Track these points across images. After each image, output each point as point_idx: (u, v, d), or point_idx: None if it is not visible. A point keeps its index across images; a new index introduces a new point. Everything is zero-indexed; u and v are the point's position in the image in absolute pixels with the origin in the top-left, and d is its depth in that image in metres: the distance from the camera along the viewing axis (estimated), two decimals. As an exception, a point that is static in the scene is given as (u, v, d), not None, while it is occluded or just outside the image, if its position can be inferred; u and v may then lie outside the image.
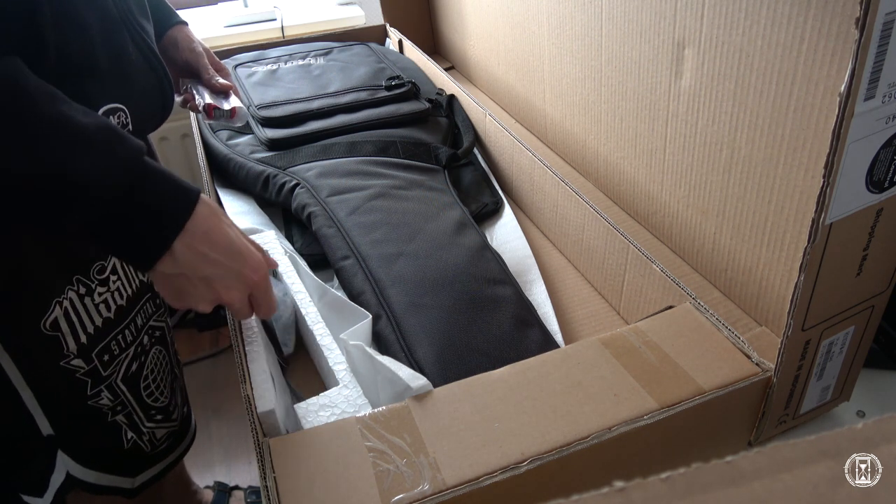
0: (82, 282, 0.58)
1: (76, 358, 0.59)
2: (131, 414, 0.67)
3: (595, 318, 0.70)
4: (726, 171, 0.58)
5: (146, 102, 0.60)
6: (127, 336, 0.64)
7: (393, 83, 1.00)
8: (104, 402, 0.63)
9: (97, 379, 0.61)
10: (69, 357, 0.58)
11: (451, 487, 0.42)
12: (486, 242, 0.75)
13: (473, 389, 0.49)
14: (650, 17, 0.62)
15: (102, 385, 0.62)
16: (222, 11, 1.47)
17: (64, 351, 0.58)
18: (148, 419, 0.70)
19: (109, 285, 0.61)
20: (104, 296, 0.60)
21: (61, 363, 0.58)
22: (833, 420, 0.60)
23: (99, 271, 0.59)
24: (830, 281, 0.46)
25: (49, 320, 0.56)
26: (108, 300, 0.61)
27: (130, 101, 0.57)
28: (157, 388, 0.71)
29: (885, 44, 0.35)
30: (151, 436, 0.70)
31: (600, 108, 0.76)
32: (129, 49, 0.57)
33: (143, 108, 0.59)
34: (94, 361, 0.61)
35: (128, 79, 0.57)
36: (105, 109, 0.55)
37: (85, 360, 0.60)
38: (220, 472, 1.22)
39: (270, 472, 0.43)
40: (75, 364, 0.59)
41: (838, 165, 0.39)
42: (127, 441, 0.67)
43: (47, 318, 0.56)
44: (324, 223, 0.75)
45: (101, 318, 0.60)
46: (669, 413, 0.47)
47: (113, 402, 0.64)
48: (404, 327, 0.63)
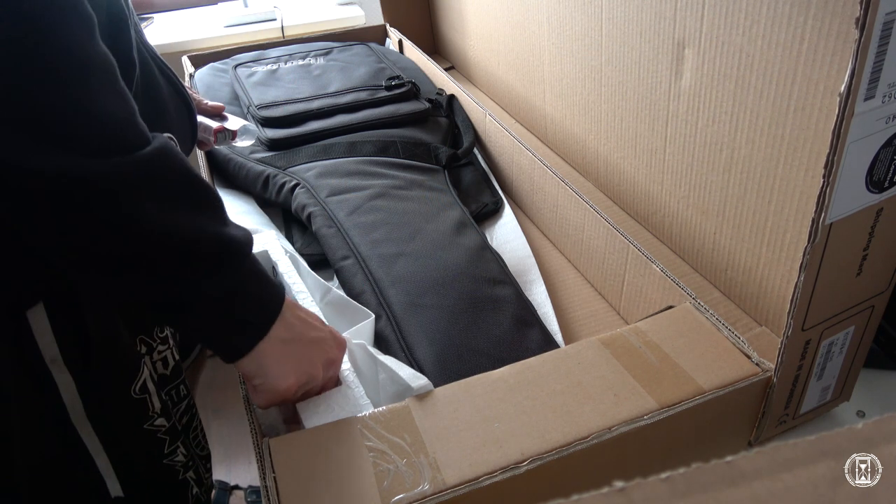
0: (145, 342, 0.57)
1: (160, 417, 0.58)
2: (198, 468, 0.67)
3: (595, 318, 0.70)
4: (726, 171, 0.58)
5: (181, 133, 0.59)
6: (182, 390, 0.64)
7: (393, 83, 1.00)
8: (179, 458, 0.62)
9: (174, 436, 0.61)
10: (154, 417, 0.58)
11: (451, 487, 0.42)
12: (486, 242, 0.75)
13: (473, 389, 0.49)
14: (650, 17, 0.62)
15: (179, 441, 0.62)
16: (222, 11, 1.47)
17: (150, 412, 0.58)
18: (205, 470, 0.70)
19: (169, 342, 0.61)
20: (164, 353, 0.60)
21: (145, 425, 0.58)
22: (833, 420, 0.60)
23: (160, 330, 0.59)
24: (830, 281, 0.46)
25: (139, 384, 0.56)
26: (168, 357, 0.60)
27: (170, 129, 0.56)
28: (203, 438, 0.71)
29: (885, 44, 0.35)
30: (208, 486, 0.70)
31: (600, 108, 0.76)
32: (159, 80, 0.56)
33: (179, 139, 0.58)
34: (173, 418, 0.60)
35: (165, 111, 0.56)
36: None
37: (167, 418, 0.59)
38: (221, 471, 1.22)
39: (270, 472, 0.43)
40: (158, 423, 0.59)
41: (838, 165, 0.39)
42: (192, 497, 0.67)
43: (137, 381, 0.55)
44: (324, 223, 0.75)
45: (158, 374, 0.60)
46: (669, 413, 0.47)
47: (186, 457, 0.63)
48: (404, 327, 0.63)
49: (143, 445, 0.59)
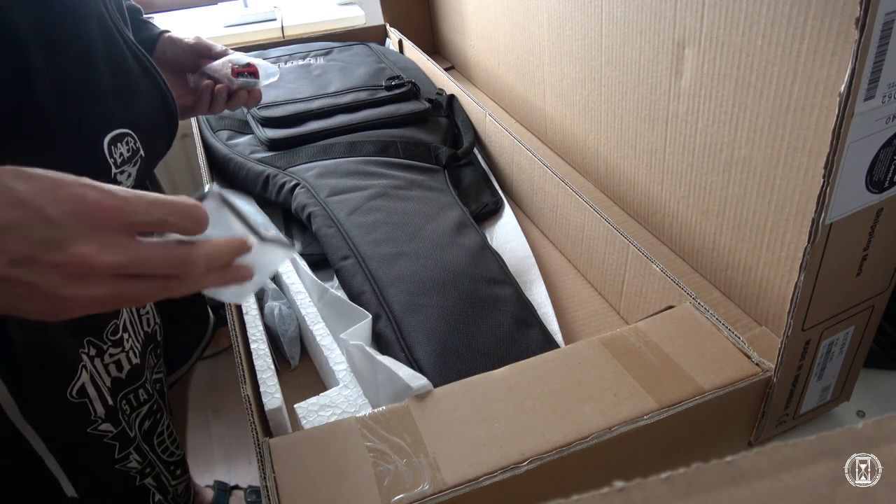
0: (93, 343, 0.55)
1: (104, 422, 0.56)
2: (159, 475, 0.65)
3: (595, 318, 0.70)
4: (726, 172, 0.58)
5: (153, 123, 0.56)
6: (141, 395, 0.61)
7: (393, 83, 1.00)
8: (133, 464, 0.60)
9: (125, 442, 0.59)
10: (97, 422, 0.56)
11: (451, 487, 0.42)
12: (486, 242, 0.75)
13: (473, 389, 0.49)
14: (650, 17, 0.62)
15: (131, 448, 0.60)
16: (222, 11, 1.47)
17: (91, 416, 0.55)
18: (172, 477, 0.68)
19: (124, 345, 0.58)
20: (116, 356, 0.57)
21: (89, 429, 0.55)
22: (833, 420, 0.60)
23: (112, 332, 0.56)
24: (830, 281, 0.46)
25: (76, 387, 0.53)
26: (122, 360, 0.58)
27: (138, 124, 0.53)
28: (171, 443, 0.68)
29: (885, 44, 0.35)
30: (175, 493, 0.68)
31: (600, 108, 0.76)
32: (129, 63, 0.53)
33: (150, 129, 0.55)
34: (123, 424, 0.58)
35: (133, 98, 0.52)
36: (112, 136, 0.50)
37: (113, 424, 0.57)
38: (221, 471, 1.22)
39: (270, 472, 0.43)
40: (103, 429, 0.56)
41: (838, 165, 0.39)
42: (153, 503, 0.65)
43: (74, 384, 0.53)
44: (324, 223, 0.75)
45: (111, 377, 0.57)
46: (669, 413, 0.47)
47: (142, 463, 0.61)
48: (404, 327, 0.63)
49: (89, 449, 0.56)
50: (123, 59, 0.52)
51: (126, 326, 0.59)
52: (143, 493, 0.63)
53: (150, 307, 0.64)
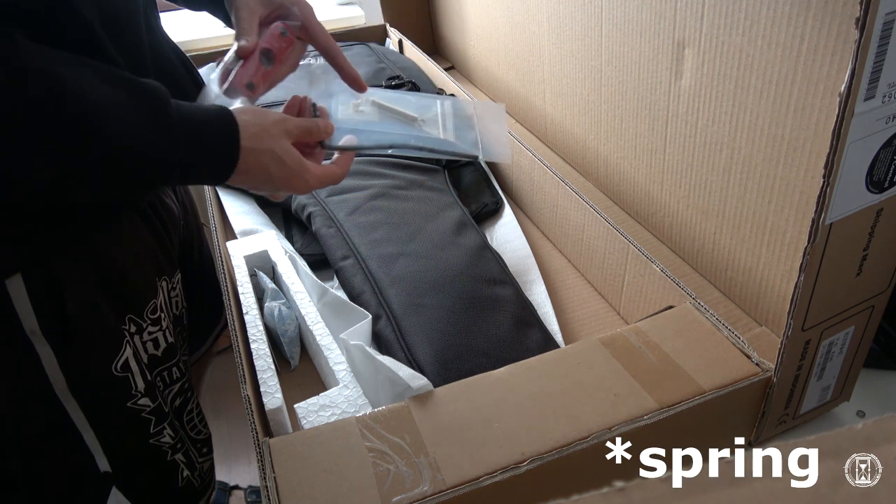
0: (134, 321, 0.57)
1: (143, 397, 0.58)
2: (188, 451, 0.66)
3: (595, 318, 0.70)
4: (726, 171, 0.58)
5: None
6: (175, 373, 0.64)
7: (393, 83, 1.00)
8: (166, 439, 0.62)
9: (161, 416, 0.61)
10: (137, 396, 0.58)
11: (451, 487, 0.42)
12: (486, 242, 0.75)
13: (473, 389, 0.49)
14: (650, 17, 0.62)
15: (166, 422, 0.62)
16: (222, 11, 1.47)
17: (132, 391, 0.57)
18: (199, 455, 0.70)
19: (161, 324, 0.60)
20: (154, 334, 0.60)
21: (128, 403, 0.58)
22: (833, 420, 0.60)
23: (152, 311, 0.59)
24: (830, 281, 0.46)
25: (121, 362, 0.56)
26: (159, 338, 0.60)
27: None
28: (199, 421, 0.71)
29: (885, 44, 0.35)
30: (201, 470, 0.70)
31: (600, 108, 0.76)
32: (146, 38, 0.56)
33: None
34: (159, 399, 0.60)
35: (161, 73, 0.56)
36: None
37: (151, 399, 0.59)
38: (221, 471, 1.21)
39: (270, 472, 0.43)
40: (142, 403, 0.59)
41: (838, 165, 0.39)
42: (182, 479, 0.66)
43: (119, 359, 0.55)
44: (323, 223, 0.75)
45: (148, 354, 0.60)
46: (669, 413, 0.47)
47: (174, 438, 0.63)
48: (404, 327, 0.63)
49: (127, 423, 0.59)
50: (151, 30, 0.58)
51: (162, 307, 0.61)
52: (173, 468, 0.65)
53: (179, 290, 0.66)
